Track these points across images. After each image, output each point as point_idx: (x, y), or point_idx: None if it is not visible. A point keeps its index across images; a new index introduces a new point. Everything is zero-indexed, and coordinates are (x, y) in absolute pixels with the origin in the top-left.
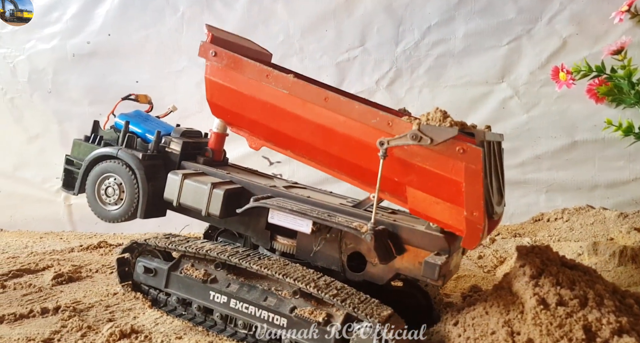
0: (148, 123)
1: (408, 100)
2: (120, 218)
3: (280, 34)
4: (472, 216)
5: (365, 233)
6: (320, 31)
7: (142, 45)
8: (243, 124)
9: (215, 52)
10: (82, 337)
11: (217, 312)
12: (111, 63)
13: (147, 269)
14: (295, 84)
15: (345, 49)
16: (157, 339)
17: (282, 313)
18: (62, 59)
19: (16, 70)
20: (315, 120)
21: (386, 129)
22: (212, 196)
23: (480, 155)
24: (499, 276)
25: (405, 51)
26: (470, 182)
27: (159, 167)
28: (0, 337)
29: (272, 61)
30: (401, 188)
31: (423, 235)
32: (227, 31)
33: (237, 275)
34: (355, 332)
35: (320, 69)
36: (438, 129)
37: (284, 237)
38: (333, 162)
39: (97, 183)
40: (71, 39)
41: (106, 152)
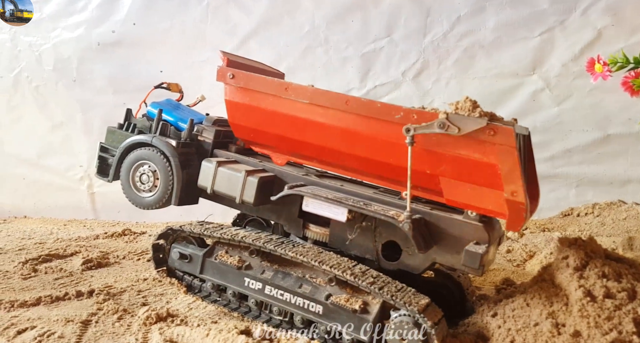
0: (179, 111)
1: (435, 92)
2: (154, 205)
3: (305, 24)
4: (512, 196)
5: (403, 222)
6: (346, 22)
7: (167, 34)
8: (267, 141)
9: (233, 74)
10: (119, 319)
11: (252, 298)
12: (136, 52)
13: (182, 255)
14: (315, 93)
15: (371, 40)
16: (193, 323)
17: (318, 300)
18: (87, 47)
19: (41, 58)
20: (339, 124)
21: (412, 121)
22: (247, 184)
23: (512, 133)
24: (529, 270)
25: (433, 42)
26: (506, 161)
27: (192, 155)
28: (39, 318)
29: (298, 51)
30: (434, 181)
31: (461, 224)
32: (240, 55)
33: (271, 262)
34: (392, 320)
35: (345, 60)
36: (466, 119)
37: (317, 226)
38: (362, 164)
39: (131, 171)
40: (96, 28)
41: (141, 140)
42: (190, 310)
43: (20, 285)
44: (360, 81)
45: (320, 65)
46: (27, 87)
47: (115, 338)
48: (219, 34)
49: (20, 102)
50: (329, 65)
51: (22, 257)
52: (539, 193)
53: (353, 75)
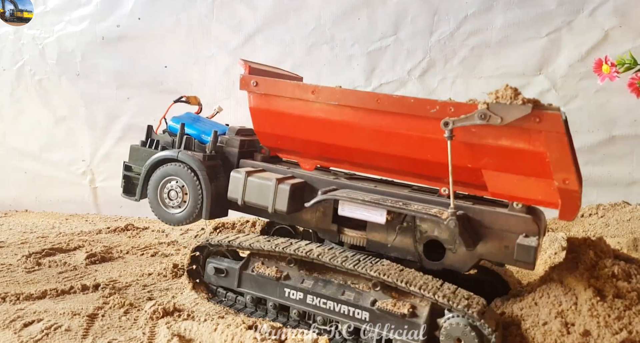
0: (200, 124)
1: (440, 91)
2: (185, 221)
3: (311, 21)
4: (564, 184)
5: (448, 220)
6: (352, 19)
7: (172, 30)
8: (293, 147)
9: (257, 81)
10: (125, 313)
11: (293, 309)
12: (140, 47)
13: (218, 270)
14: (344, 93)
15: (377, 38)
16: (199, 318)
17: (363, 306)
18: (92, 41)
19: (45, 52)
20: (371, 124)
21: (449, 114)
22: (278, 192)
23: (560, 118)
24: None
25: (440, 41)
26: (555, 148)
27: (219, 167)
28: (46, 311)
29: (304, 49)
30: (477, 175)
31: (507, 217)
32: (259, 62)
33: (309, 270)
34: (448, 324)
35: (350, 58)
36: (509, 107)
37: (353, 230)
38: (396, 163)
39: (159, 187)
40: (101, 22)
41: (167, 156)
42: (196, 305)
43: (24, 279)
44: (366, 79)
45: (326, 62)
46: (30, 80)
47: (122, 332)
48: (224, 30)
49: (23, 96)
50: (334, 62)
51: (25, 250)
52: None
53: (358, 73)
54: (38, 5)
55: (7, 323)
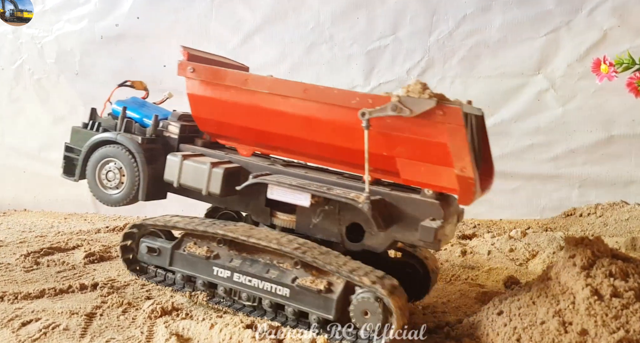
0: (145, 109)
1: (439, 90)
2: (121, 202)
3: (310, 21)
4: (462, 172)
5: (363, 203)
6: (351, 19)
7: (171, 29)
8: (231, 133)
9: (194, 68)
10: (124, 312)
11: (221, 286)
12: (139, 46)
13: (151, 249)
14: (274, 82)
15: (376, 38)
16: (198, 317)
17: (285, 283)
18: (90, 41)
19: (44, 51)
20: (299, 112)
21: (367, 105)
22: (212, 175)
23: (460, 113)
24: (532, 269)
25: (439, 40)
26: (455, 139)
27: (158, 151)
28: (44, 310)
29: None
30: (392, 162)
31: (418, 202)
32: (203, 51)
33: (239, 250)
34: (356, 297)
35: (349, 58)
36: (417, 101)
37: (284, 213)
38: (324, 150)
39: (97, 169)
40: (100, 21)
41: (105, 137)
42: (194, 305)
43: (22, 278)
44: (365, 79)
45: (325, 62)
46: (28, 79)
47: (120, 331)
48: (223, 30)
49: (22, 95)
50: (333, 62)
51: (24, 249)
52: (494, 172)
53: (357, 73)
54: (37, 5)
55: (5, 323)
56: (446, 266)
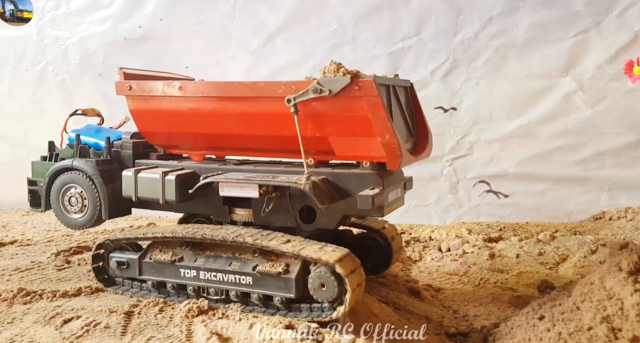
0: (100, 134)
1: (464, 92)
2: (87, 224)
3: (333, 22)
4: (385, 139)
5: (303, 184)
6: (374, 20)
7: (194, 31)
8: (179, 142)
9: (130, 85)
10: (160, 311)
11: (189, 286)
12: (162, 48)
13: (120, 263)
14: (205, 85)
15: (399, 39)
16: (234, 316)
17: (247, 272)
18: (114, 42)
19: (68, 52)
20: (234, 110)
21: (292, 92)
22: (166, 183)
23: (373, 84)
24: (563, 273)
25: (464, 41)
26: (373, 110)
27: (115, 171)
28: (83, 308)
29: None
30: (326, 142)
31: (358, 175)
32: (144, 70)
33: (202, 250)
34: (313, 273)
35: (372, 59)
36: (334, 80)
37: (241, 209)
38: (265, 143)
39: (60, 196)
40: (123, 22)
41: (62, 165)
42: (229, 304)
43: (56, 276)
44: None
45: (347, 63)
46: (52, 80)
47: (159, 330)
48: (245, 31)
49: (46, 96)
50: (355, 63)
51: (53, 248)
52: (429, 136)
53: (380, 74)
54: (61, 6)
55: (48, 320)
56: (474, 269)
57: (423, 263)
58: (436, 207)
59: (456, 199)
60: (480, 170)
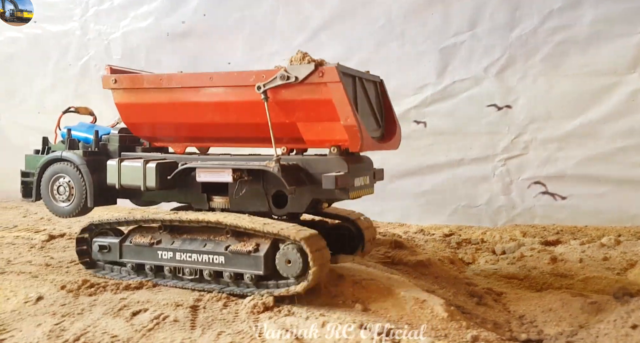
0: (91, 130)
1: (520, 89)
2: (73, 212)
3: (381, 17)
4: (347, 121)
5: (272, 167)
6: (425, 15)
7: (237, 26)
8: (162, 133)
9: (115, 79)
10: (225, 306)
11: (166, 267)
12: (205, 43)
13: (102, 247)
14: (183, 77)
15: (451, 34)
16: (300, 314)
17: (220, 252)
18: (156, 37)
19: (110, 47)
20: (211, 100)
21: (262, 80)
22: (147, 171)
23: (335, 71)
24: (634, 279)
25: (521, 37)
26: (335, 94)
27: (102, 162)
28: (148, 301)
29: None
30: (295, 129)
31: (326, 160)
32: (130, 68)
33: (180, 233)
34: (280, 250)
35: (421, 55)
36: (299, 67)
37: (218, 196)
38: (241, 131)
39: (49, 185)
40: (166, 18)
41: (53, 156)
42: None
43: None
44: (438, 76)
45: (394, 59)
46: (94, 75)
47: (227, 325)
48: (289, 26)
49: (88, 90)
50: (403, 59)
51: None
52: (397, 129)
53: (429, 71)
54: (105, 2)
55: (116, 312)
56: (535, 273)
57: (477, 265)
58: (487, 208)
59: (509, 200)
60: (536, 171)
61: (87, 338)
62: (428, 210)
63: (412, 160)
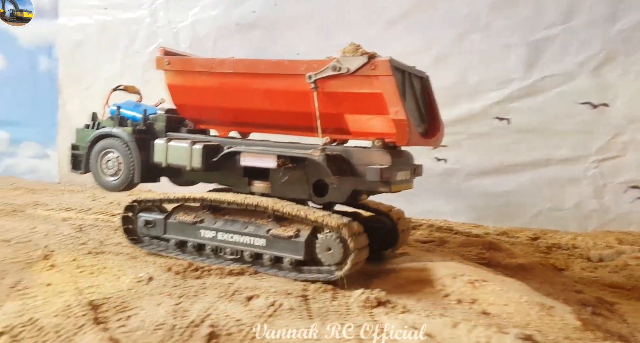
0: (138, 108)
1: (620, 87)
2: (120, 186)
3: (464, 7)
4: (396, 115)
5: (318, 156)
6: (514, 6)
7: (308, 16)
8: (208, 116)
9: (169, 61)
10: (333, 298)
11: (208, 245)
12: (274, 34)
13: (147, 221)
14: (235, 62)
15: (543, 27)
16: (418, 312)
17: (260, 235)
18: (225, 27)
19: (179, 35)
20: (260, 86)
21: (313, 70)
22: (193, 152)
23: (388, 64)
24: None
25: (623, 31)
26: (386, 87)
27: (148, 140)
28: (256, 287)
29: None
30: (342, 120)
31: (369, 152)
32: (182, 52)
33: (222, 214)
34: (321, 238)
35: (507, 48)
36: (352, 59)
37: (260, 181)
38: (286, 119)
39: (98, 159)
40: (236, 7)
41: (103, 132)
42: (399, 299)
43: None
44: (525, 71)
45: (476, 52)
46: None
47: (343, 318)
48: (362, 17)
49: (153, 78)
50: (486, 52)
51: None
52: (441, 126)
53: (516, 65)
54: None
55: (230, 295)
56: None
57: (572, 272)
58: (575, 212)
59: (601, 205)
60: (634, 174)
61: (212, 321)
62: (507, 212)
63: (492, 159)
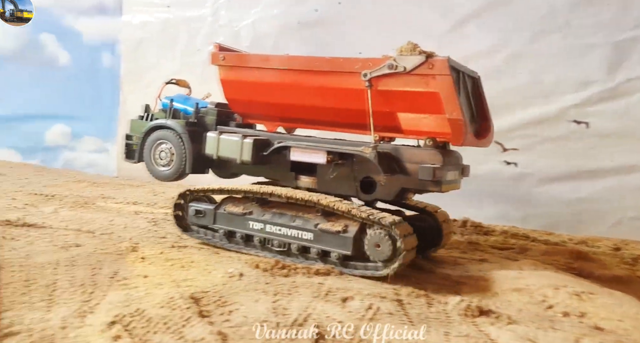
0: (189, 101)
1: None
2: (172, 176)
3: (542, 5)
4: (452, 115)
5: (370, 153)
6: (598, 4)
7: (373, 14)
8: (258, 111)
9: (224, 56)
10: (429, 305)
11: (256, 237)
12: (336, 33)
13: (198, 211)
14: (290, 59)
15: (631, 26)
16: (526, 324)
17: (308, 229)
18: (286, 25)
19: (240, 34)
20: (314, 83)
21: (368, 68)
22: (244, 145)
23: (447, 63)
24: None
25: None
26: (443, 87)
27: (199, 133)
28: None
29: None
30: (394, 119)
31: (420, 151)
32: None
33: (270, 207)
34: (369, 233)
35: (587, 48)
36: (409, 58)
37: (306, 176)
38: (338, 115)
39: (152, 149)
40: (298, 6)
41: (158, 123)
42: (499, 307)
43: None
44: (608, 73)
45: (553, 53)
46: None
47: (446, 326)
48: (430, 15)
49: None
50: (564, 53)
51: None
52: (491, 127)
53: (597, 66)
54: None
55: (324, 296)
56: None
57: None
58: None
59: None
60: None
61: (316, 321)
62: (582, 220)
63: (568, 164)
